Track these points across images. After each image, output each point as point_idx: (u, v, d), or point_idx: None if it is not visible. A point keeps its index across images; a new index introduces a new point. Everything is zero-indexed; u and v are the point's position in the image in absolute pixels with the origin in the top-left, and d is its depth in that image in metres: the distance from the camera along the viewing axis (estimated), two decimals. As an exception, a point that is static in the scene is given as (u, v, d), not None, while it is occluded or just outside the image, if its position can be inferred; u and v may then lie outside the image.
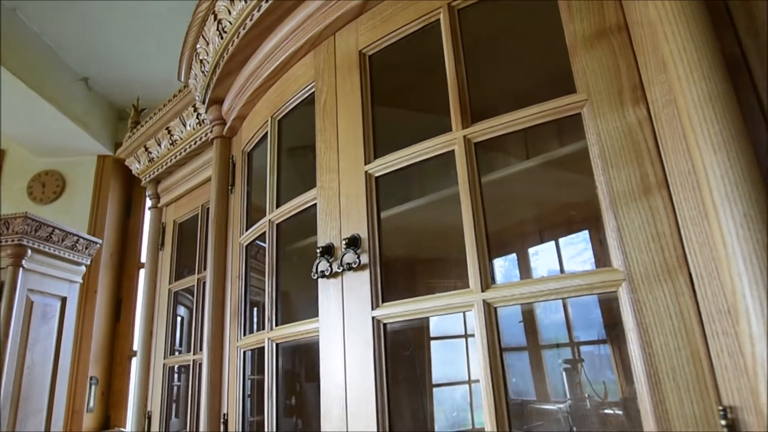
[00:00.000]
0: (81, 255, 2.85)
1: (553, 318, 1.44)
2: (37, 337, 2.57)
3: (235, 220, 1.34)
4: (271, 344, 1.07)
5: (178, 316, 1.81)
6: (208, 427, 1.25)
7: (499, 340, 0.73)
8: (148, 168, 1.93)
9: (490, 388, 0.70)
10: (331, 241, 0.94)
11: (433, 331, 1.54)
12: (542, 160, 0.99)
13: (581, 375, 1.34)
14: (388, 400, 0.81)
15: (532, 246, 1.42)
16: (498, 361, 0.71)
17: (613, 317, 1.27)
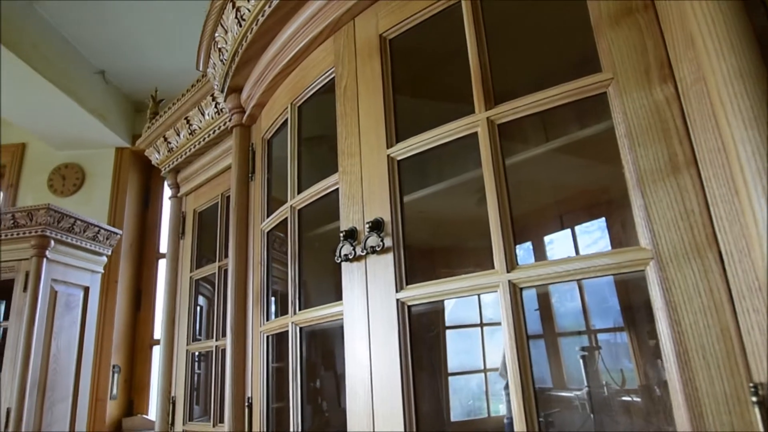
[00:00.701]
0: (102, 245, 2.90)
1: (569, 306, 1.44)
2: (62, 326, 2.63)
3: (256, 208, 1.35)
4: (295, 328, 1.08)
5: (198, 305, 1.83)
6: (232, 411, 1.27)
7: (524, 321, 0.73)
8: (168, 158, 1.95)
9: (516, 370, 0.71)
10: (354, 225, 0.95)
11: (448, 321, 1.54)
12: (563, 143, 0.98)
13: (598, 362, 1.33)
14: (413, 381, 0.82)
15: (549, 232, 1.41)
16: (524, 343, 0.72)
17: (631, 303, 1.27)
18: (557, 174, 1.16)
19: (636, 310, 1.25)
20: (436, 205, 1.21)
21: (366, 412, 0.86)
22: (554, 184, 1.21)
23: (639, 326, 1.24)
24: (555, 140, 0.99)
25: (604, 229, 1.32)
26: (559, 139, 0.99)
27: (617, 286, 1.30)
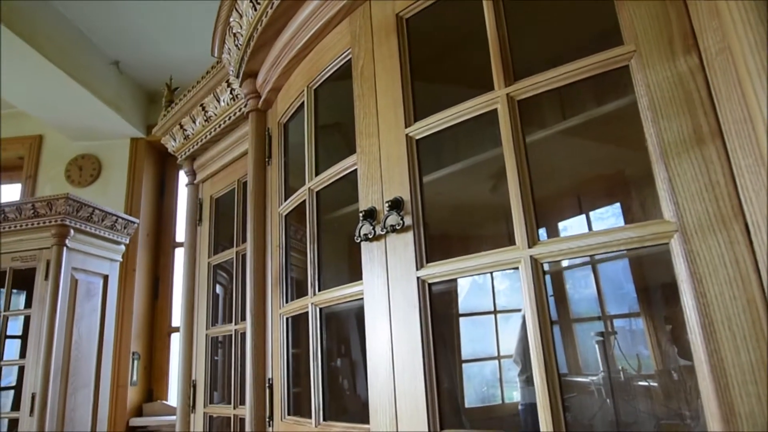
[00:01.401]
0: (120, 234, 2.94)
1: (583, 292, 1.44)
2: (83, 313, 2.67)
3: (273, 192, 1.36)
4: (315, 309, 1.09)
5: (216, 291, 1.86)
6: (253, 392, 1.29)
7: (546, 297, 0.73)
8: (184, 145, 1.96)
9: (539, 345, 0.71)
10: (373, 205, 0.95)
11: (462, 308, 1.54)
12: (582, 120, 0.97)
13: (614, 348, 1.33)
14: (435, 359, 0.82)
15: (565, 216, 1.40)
16: (547, 319, 0.72)
17: (647, 287, 1.26)
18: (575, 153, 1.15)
19: (652, 294, 1.25)
20: (453, 187, 1.21)
21: (387, 389, 0.87)
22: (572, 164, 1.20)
23: (655, 311, 1.24)
24: (573, 118, 0.98)
25: (619, 215, 1.31)
26: (578, 116, 0.98)
27: (633, 269, 1.29)
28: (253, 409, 1.27)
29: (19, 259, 2.61)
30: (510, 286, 1.57)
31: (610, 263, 1.38)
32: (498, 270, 0.78)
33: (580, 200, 1.37)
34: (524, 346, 1.37)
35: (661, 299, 1.23)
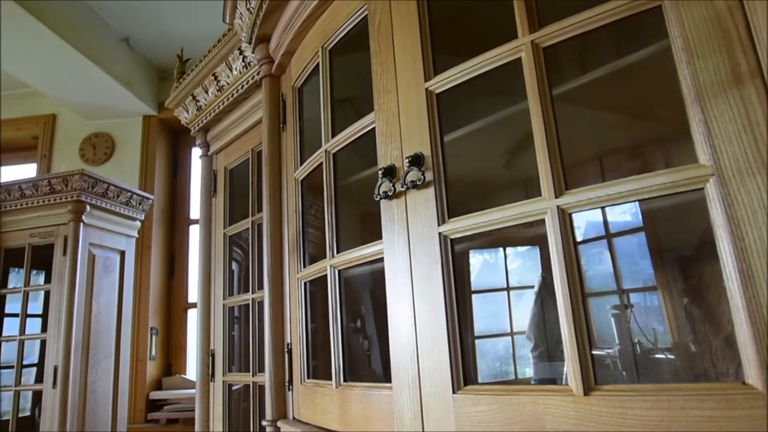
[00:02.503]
0: (135, 210, 2.95)
1: (598, 269, 1.41)
2: (101, 288, 2.70)
3: (289, 157, 1.34)
4: (333, 271, 1.08)
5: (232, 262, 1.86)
6: (272, 357, 1.29)
7: (574, 248, 0.71)
8: (197, 117, 1.95)
9: (568, 301, 0.69)
10: (393, 163, 0.93)
11: (474, 286, 1.53)
12: (609, 70, 0.94)
13: (630, 321, 1.31)
14: (458, 315, 0.81)
15: (591, 172, 1.37)
16: (575, 271, 0.70)
17: (663, 261, 1.23)
18: (600, 107, 1.11)
19: (669, 267, 1.22)
20: (473, 148, 1.19)
21: (409, 347, 0.86)
22: (596, 118, 1.16)
23: (673, 283, 1.21)
24: (597, 69, 0.94)
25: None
26: (602, 67, 0.94)
27: (650, 243, 1.26)
28: (273, 374, 1.28)
29: (38, 236, 2.64)
30: (522, 264, 1.55)
31: (626, 237, 1.34)
32: (522, 222, 0.76)
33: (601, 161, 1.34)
34: (537, 323, 1.36)
35: (679, 271, 1.20)
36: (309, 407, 1.14)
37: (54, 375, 2.41)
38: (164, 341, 3.60)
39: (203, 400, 1.76)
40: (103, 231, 2.77)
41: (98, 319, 2.66)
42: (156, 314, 3.55)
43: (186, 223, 3.85)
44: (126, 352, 2.83)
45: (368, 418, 0.93)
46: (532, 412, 0.70)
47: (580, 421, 0.65)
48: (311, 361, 1.21)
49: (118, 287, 2.83)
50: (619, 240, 1.35)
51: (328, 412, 1.05)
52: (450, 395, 0.79)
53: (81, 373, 2.51)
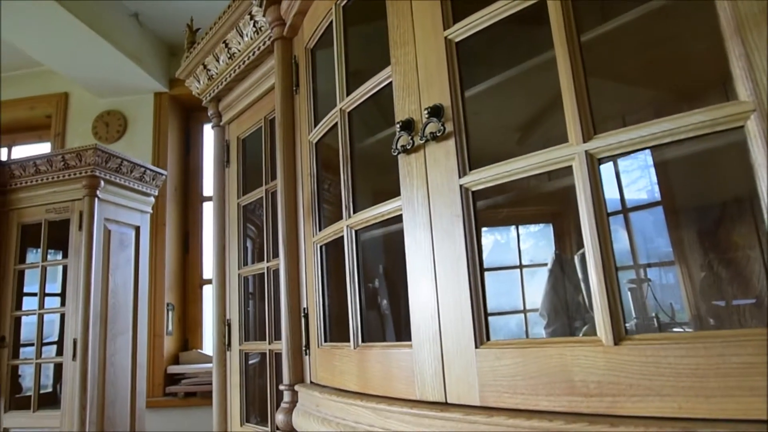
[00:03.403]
0: (149, 186, 2.96)
1: (615, 246, 1.37)
2: (117, 263, 2.72)
3: (302, 120, 1.31)
4: (350, 232, 1.06)
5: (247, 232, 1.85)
6: (288, 322, 1.28)
7: (603, 198, 0.68)
8: (208, 86, 1.92)
9: (598, 255, 0.66)
10: (411, 116, 0.90)
11: (487, 263, 1.50)
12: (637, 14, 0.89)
13: (647, 296, 1.28)
14: (480, 266, 0.79)
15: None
16: (603, 215, 0.67)
17: (682, 237, 1.20)
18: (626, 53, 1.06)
19: (690, 237, 1.18)
20: (493, 104, 1.15)
21: (430, 304, 0.84)
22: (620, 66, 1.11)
23: (690, 259, 1.17)
24: (631, 12, 0.90)
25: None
26: (635, 9, 0.89)
27: (669, 220, 1.22)
28: (289, 339, 1.27)
29: (53, 211, 2.65)
30: (534, 244, 1.53)
31: (643, 212, 1.30)
32: (549, 169, 0.72)
33: (624, 120, 1.29)
34: (551, 300, 1.33)
35: (698, 247, 1.17)
36: (327, 370, 1.13)
37: (73, 348, 2.44)
38: (180, 317, 3.64)
39: (220, 368, 1.77)
40: (118, 206, 2.78)
41: (115, 293, 2.68)
42: (172, 290, 3.58)
43: (199, 200, 3.86)
44: (143, 326, 2.86)
45: (388, 376, 0.91)
46: (558, 364, 0.67)
47: (610, 372, 0.63)
48: (328, 324, 1.19)
49: (134, 262, 2.85)
50: (635, 215, 1.31)
51: (346, 374, 1.04)
52: (472, 350, 0.77)
53: (100, 347, 2.54)
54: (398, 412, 0.85)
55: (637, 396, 0.61)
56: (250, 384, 1.73)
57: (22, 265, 2.70)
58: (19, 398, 2.61)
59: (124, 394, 2.67)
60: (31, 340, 2.65)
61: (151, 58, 3.68)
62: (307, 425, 1.10)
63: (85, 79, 3.66)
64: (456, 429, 0.75)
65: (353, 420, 0.95)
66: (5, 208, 2.72)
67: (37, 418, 2.50)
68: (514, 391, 0.71)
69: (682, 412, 0.58)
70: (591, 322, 1.04)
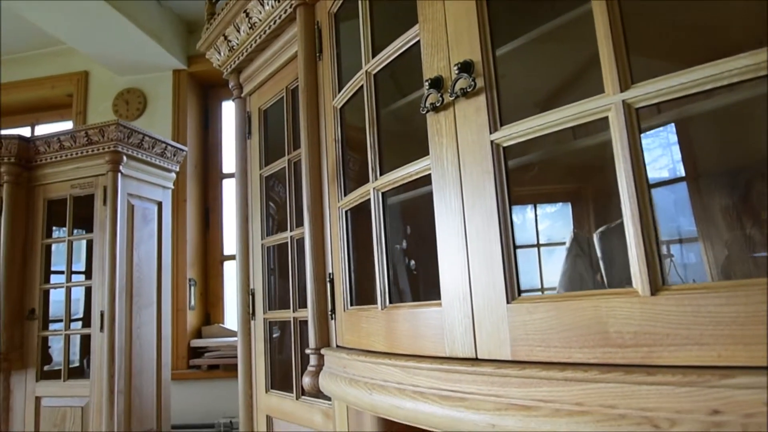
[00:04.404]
0: (170, 162, 2.98)
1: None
2: (141, 237, 2.76)
3: (326, 86, 1.31)
4: (377, 194, 1.06)
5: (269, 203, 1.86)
6: (314, 288, 1.29)
7: (642, 153, 0.67)
8: (229, 58, 1.92)
9: (634, 197, 0.65)
10: (439, 74, 0.89)
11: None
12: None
13: (670, 272, 1.26)
14: (511, 222, 0.78)
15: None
16: (641, 164, 0.66)
17: (705, 213, 1.17)
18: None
19: (714, 219, 1.15)
20: (522, 67, 1.13)
21: (460, 261, 0.84)
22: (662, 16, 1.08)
23: (715, 236, 1.14)
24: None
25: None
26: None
27: (693, 195, 1.19)
28: (315, 303, 1.28)
29: (78, 186, 2.70)
30: (550, 225, 1.52)
31: (663, 190, 1.28)
32: (585, 121, 0.71)
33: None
34: (569, 278, 1.32)
35: (722, 222, 1.14)
36: (353, 333, 1.14)
37: (101, 319, 2.50)
38: (202, 292, 3.70)
39: (245, 337, 1.80)
40: (141, 182, 2.81)
41: (139, 267, 2.73)
42: (193, 266, 3.63)
43: (219, 177, 3.89)
44: (167, 300, 2.92)
45: (416, 336, 0.92)
46: (593, 316, 0.67)
47: (647, 322, 0.63)
48: (354, 289, 1.20)
49: (156, 237, 2.89)
50: (656, 193, 1.29)
51: (373, 335, 1.05)
52: (504, 306, 0.77)
53: (126, 319, 2.60)
54: (427, 368, 0.85)
55: (674, 345, 0.60)
56: (274, 354, 1.75)
57: (49, 240, 2.75)
58: (48, 371, 2.69)
59: (150, 365, 2.74)
60: (59, 316, 2.72)
61: (170, 35, 3.68)
62: (334, 386, 1.11)
63: (105, 57, 3.68)
64: (487, 382, 0.76)
65: (381, 379, 0.96)
66: (32, 184, 2.77)
67: (67, 387, 2.58)
68: (546, 344, 0.71)
69: (721, 360, 0.58)
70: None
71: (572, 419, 0.65)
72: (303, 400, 1.53)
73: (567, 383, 0.67)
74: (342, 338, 1.21)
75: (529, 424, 0.69)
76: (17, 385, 2.65)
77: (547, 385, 0.69)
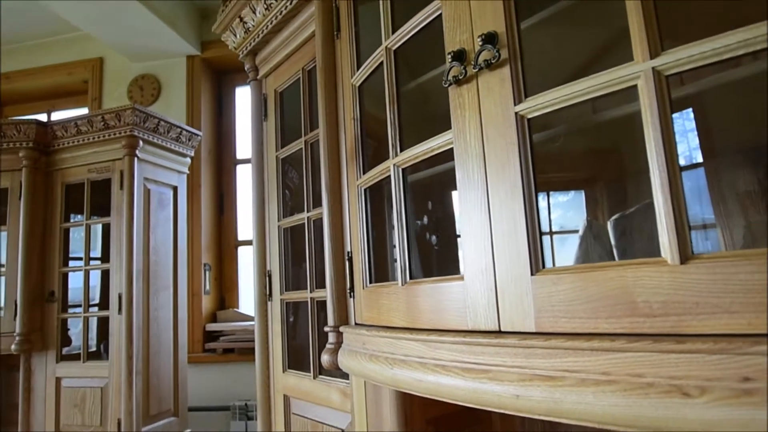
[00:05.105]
0: (185, 146, 3.00)
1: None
2: (157, 221, 2.79)
3: (344, 64, 1.30)
4: (397, 170, 1.06)
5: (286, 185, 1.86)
6: (332, 267, 1.30)
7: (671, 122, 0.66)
8: (245, 40, 1.91)
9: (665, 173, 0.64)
10: (462, 47, 0.88)
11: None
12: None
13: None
14: (535, 193, 0.78)
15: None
16: (671, 135, 0.65)
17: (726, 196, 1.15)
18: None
19: (733, 205, 1.13)
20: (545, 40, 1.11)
21: (483, 234, 0.84)
22: None
23: (733, 223, 1.12)
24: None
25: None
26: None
27: (711, 180, 1.17)
28: (334, 282, 1.29)
29: (95, 171, 2.73)
30: (562, 214, 1.51)
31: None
32: (613, 90, 0.70)
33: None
34: (583, 262, 1.32)
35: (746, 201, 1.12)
36: (373, 310, 1.14)
37: (119, 302, 2.53)
38: (217, 277, 3.73)
39: (262, 318, 1.81)
40: (156, 166, 2.83)
41: (156, 251, 2.76)
42: (208, 251, 3.66)
43: (233, 163, 3.90)
44: (183, 284, 2.95)
45: (438, 310, 0.92)
46: (620, 286, 0.67)
47: (676, 291, 0.62)
48: (373, 266, 1.20)
49: (172, 221, 2.92)
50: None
51: (393, 311, 1.05)
52: (528, 278, 0.76)
53: (143, 301, 2.64)
54: (450, 341, 0.86)
55: (704, 314, 0.60)
56: (291, 335, 1.77)
57: (67, 224, 2.79)
58: (66, 355, 2.74)
59: (167, 348, 2.78)
60: (77, 301, 2.76)
61: (184, 21, 3.69)
62: (354, 363, 1.12)
63: (120, 43, 3.69)
64: (511, 354, 0.76)
65: (402, 353, 0.97)
66: (50, 168, 2.80)
67: (86, 368, 2.63)
68: (572, 315, 0.71)
69: (752, 328, 0.57)
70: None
71: (599, 388, 0.65)
72: (320, 379, 1.55)
73: (593, 353, 0.67)
74: (361, 316, 1.21)
75: (554, 394, 0.69)
76: (38, 366, 2.71)
77: (573, 355, 0.69)
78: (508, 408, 0.75)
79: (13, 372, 2.90)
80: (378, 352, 1.04)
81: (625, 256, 1.19)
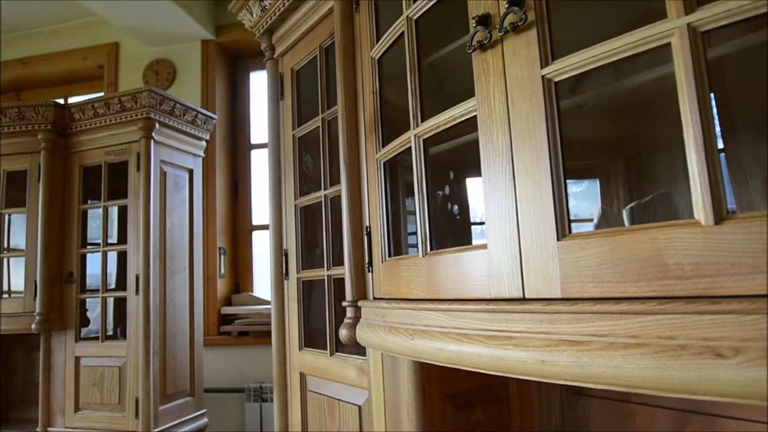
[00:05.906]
0: (201, 130, 3.01)
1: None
2: (173, 204, 2.81)
3: (363, 38, 1.29)
4: (418, 141, 1.05)
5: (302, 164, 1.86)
6: (351, 241, 1.29)
7: (707, 80, 0.64)
8: (261, 18, 1.90)
9: (699, 132, 0.62)
10: (487, 11, 0.86)
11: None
12: None
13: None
14: (563, 157, 0.76)
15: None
16: (706, 92, 0.63)
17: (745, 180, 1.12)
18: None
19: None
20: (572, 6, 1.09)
21: (508, 201, 0.82)
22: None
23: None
24: None
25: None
26: None
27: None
28: (352, 257, 1.29)
29: (112, 153, 2.74)
30: (576, 205, 1.50)
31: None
32: (644, 48, 0.68)
33: None
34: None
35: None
36: (392, 283, 1.14)
37: (136, 283, 2.56)
38: (232, 261, 3.75)
39: (278, 297, 1.82)
40: (172, 149, 2.85)
41: (172, 233, 2.78)
42: (223, 235, 3.69)
43: (247, 147, 3.91)
44: (199, 266, 2.97)
45: (459, 280, 0.91)
46: (650, 249, 0.65)
47: (709, 252, 0.61)
48: (392, 240, 1.20)
49: (188, 204, 2.94)
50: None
51: (414, 282, 1.04)
52: (554, 243, 0.75)
53: (160, 283, 2.66)
54: (473, 310, 0.85)
55: (739, 274, 0.58)
56: (307, 314, 1.77)
57: (85, 206, 2.81)
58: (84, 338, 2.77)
59: (183, 329, 2.81)
60: (95, 285, 2.80)
61: (199, 5, 3.68)
62: (373, 336, 1.12)
63: (135, 28, 3.70)
64: (536, 320, 0.75)
65: (423, 324, 0.96)
66: (67, 151, 2.83)
67: (105, 347, 2.67)
68: (599, 280, 0.70)
69: (790, 288, 0.56)
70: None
71: (627, 351, 0.64)
72: (337, 356, 1.55)
73: (622, 316, 0.65)
74: (379, 290, 1.21)
75: (581, 358, 0.68)
76: (57, 345, 2.75)
77: (600, 319, 0.68)
78: (532, 374, 0.74)
79: (34, 352, 2.95)
80: (398, 324, 1.04)
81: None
